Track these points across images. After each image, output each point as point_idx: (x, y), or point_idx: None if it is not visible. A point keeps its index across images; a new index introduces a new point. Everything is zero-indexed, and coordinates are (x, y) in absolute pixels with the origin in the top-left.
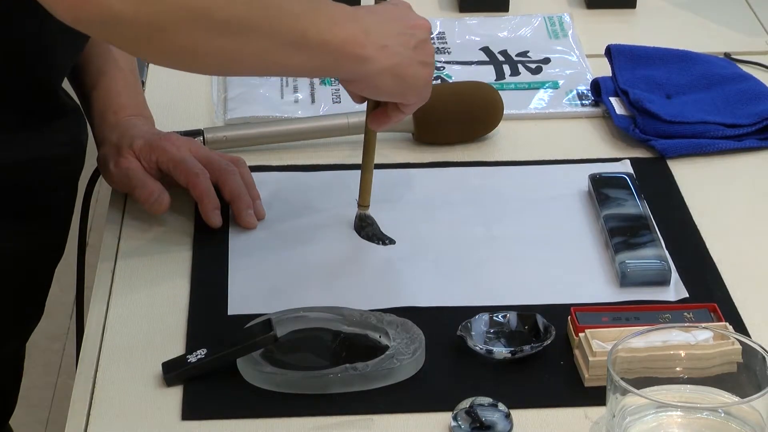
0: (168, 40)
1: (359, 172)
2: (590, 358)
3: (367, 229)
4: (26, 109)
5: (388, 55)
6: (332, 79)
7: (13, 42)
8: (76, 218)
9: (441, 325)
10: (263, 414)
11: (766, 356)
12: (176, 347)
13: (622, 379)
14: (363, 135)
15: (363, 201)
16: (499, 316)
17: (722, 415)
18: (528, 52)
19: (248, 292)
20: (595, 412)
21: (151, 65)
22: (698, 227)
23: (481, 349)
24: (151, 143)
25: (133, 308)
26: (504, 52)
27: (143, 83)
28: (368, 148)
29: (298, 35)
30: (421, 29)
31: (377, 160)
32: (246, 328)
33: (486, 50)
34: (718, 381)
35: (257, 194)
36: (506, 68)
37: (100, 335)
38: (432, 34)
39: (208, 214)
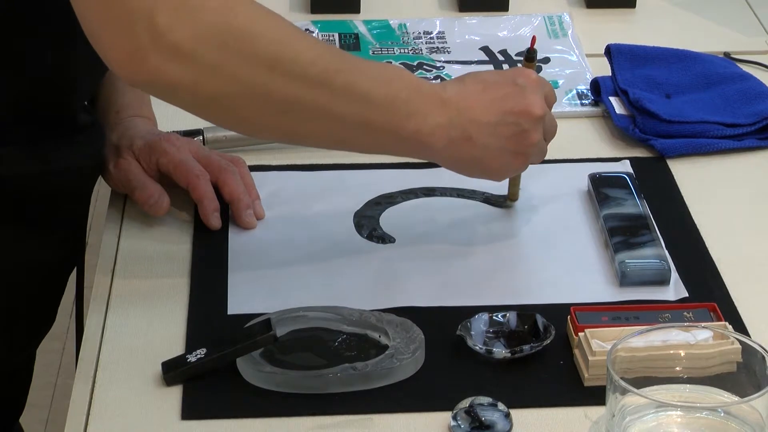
0: (226, 111)
1: (359, 171)
2: (590, 358)
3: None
4: (51, 124)
5: (471, 147)
6: None
7: (42, 72)
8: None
9: (441, 324)
10: (263, 414)
11: (765, 356)
12: (176, 347)
13: (621, 378)
14: None
15: (514, 197)
16: (499, 316)
17: (722, 414)
18: None
19: (248, 292)
20: (594, 411)
21: None
22: (698, 227)
23: (480, 348)
24: (150, 144)
25: (132, 308)
26: (504, 52)
27: None
28: None
29: (364, 121)
30: (526, 117)
31: (378, 159)
32: (246, 328)
33: (486, 50)
34: (718, 380)
35: (257, 194)
36: (506, 68)
37: (99, 335)
38: (536, 114)
39: (207, 216)
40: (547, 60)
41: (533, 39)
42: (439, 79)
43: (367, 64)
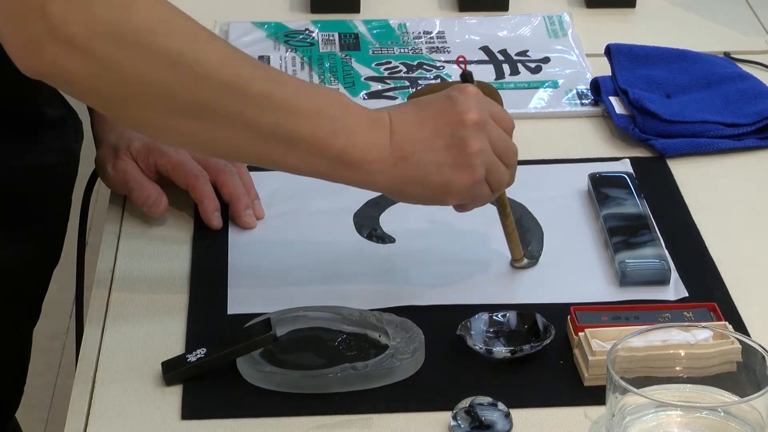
0: (127, 110)
1: None
2: (590, 358)
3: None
4: (13, 120)
5: (408, 166)
6: (332, 79)
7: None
8: (75, 218)
9: (440, 324)
10: (263, 413)
11: (765, 355)
12: (176, 346)
13: (621, 378)
14: None
15: (517, 255)
16: (499, 316)
17: (722, 414)
18: (527, 51)
19: (248, 292)
20: (594, 411)
21: None
22: (698, 226)
23: (480, 348)
24: (148, 146)
25: (132, 308)
26: (503, 52)
27: None
28: (506, 209)
29: (286, 134)
30: (460, 125)
31: None
32: (245, 328)
33: (485, 49)
34: (718, 380)
35: (256, 194)
36: (506, 67)
37: (99, 335)
38: (472, 117)
39: (208, 216)
40: (547, 60)
41: (463, 61)
42: (439, 79)
43: (288, 76)
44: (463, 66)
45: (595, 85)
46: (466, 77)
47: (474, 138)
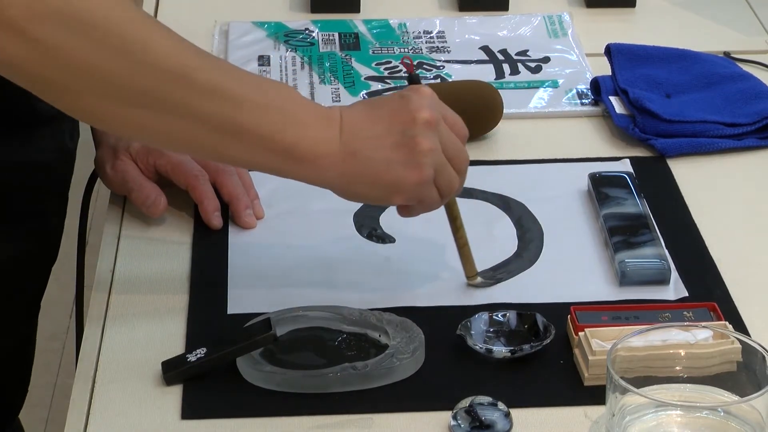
0: (68, 96)
1: None
2: (590, 357)
3: (499, 277)
4: (6, 117)
5: (357, 162)
6: (332, 78)
7: None
8: (75, 218)
9: (440, 324)
10: (263, 413)
11: (765, 355)
12: (176, 346)
13: (621, 378)
14: None
15: (471, 272)
16: (499, 315)
17: (722, 414)
18: (527, 51)
19: (248, 291)
20: (594, 411)
21: None
22: (698, 226)
23: (480, 348)
24: (148, 146)
25: (132, 307)
26: (503, 51)
27: None
28: (456, 222)
29: (233, 126)
30: (411, 124)
31: None
32: (245, 327)
33: (486, 49)
34: (718, 380)
35: (255, 194)
36: (506, 67)
37: (99, 334)
38: (426, 117)
39: (208, 216)
40: (547, 60)
41: (409, 62)
42: (439, 79)
43: (238, 68)
44: (409, 67)
45: (595, 84)
46: (413, 78)
47: (424, 137)
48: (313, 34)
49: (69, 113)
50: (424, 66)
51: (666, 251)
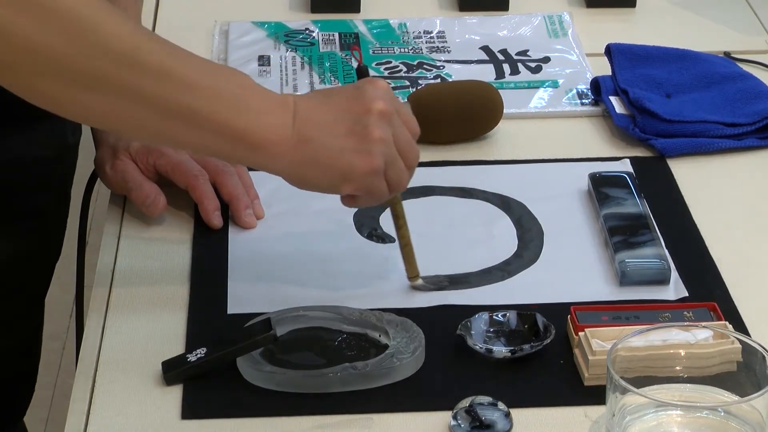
0: (22, 80)
1: None
2: (590, 357)
3: (443, 285)
4: (6, 112)
5: (310, 149)
6: (332, 78)
7: None
8: (75, 217)
9: (441, 324)
10: (263, 413)
11: (765, 355)
12: (176, 346)
13: (621, 378)
14: None
15: (413, 272)
16: (499, 315)
17: (722, 414)
18: (528, 51)
19: (248, 291)
20: (594, 411)
21: None
22: (698, 226)
23: (480, 348)
24: (147, 146)
25: (132, 307)
26: (504, 51)
27: None
28: (399, 221)
29: (185, 111)
30: (367, 114)
31: None
32: (245, 327)
33: (486, 49)
34: (718, 380)
35: (255, 194)
36: (506, 67)
37: (99, 334)
38: (387, 106)
39: (209, 215)
40: (547, 60)
41: (358, 53)
42: (439, 79)
43: (191, 54)
44: (357, 58)
45: (595, 84)
46: (362, 71)
47: (377, 126)
48: (314, 34)
49: (26, 98)
50: (424, 66)
51: (666, 251)
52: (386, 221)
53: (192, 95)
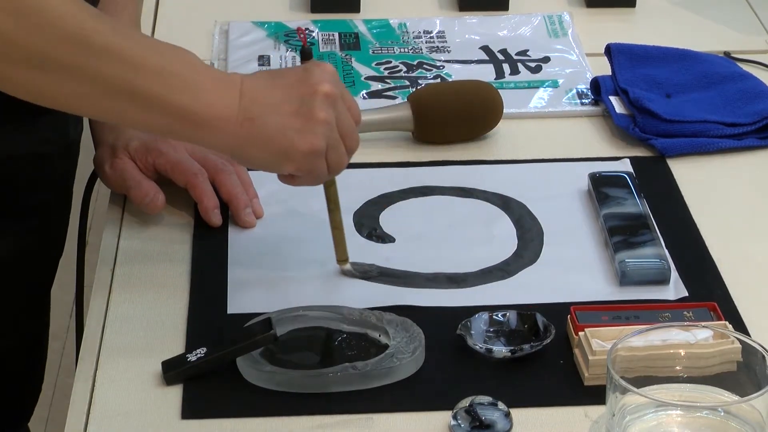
0: None
1: (359, 171)
2: (590, 357)
3: (370, 275)
4: (6, 104)
5: (253, 127)
6: None
7: None
8: (75, 217)
9: (441, 324)
10: (263, 413)
11: (765, 355)
12: (176, 346)
13: (621, 378)
14: (361, 134)
15: (341, 256)
16: (499, 315)
17: (722, 414)
18: (528, 50)
19: (248, 291)
20: (594, 411)
21: None
22: (698, 226)
23: (480, 348)
24: (147, 145)
25: (132, 307)
26: (504, 51)
27: None
28: (330, 204)
29: (129, 89)
30: (312, 95)
31: (377, 158)
32: (245, 327)
33: (486, 49)
34: (718, 380)
35: (255, 193)
36: (506, 67)
37: (99, 334)
38: (334, 91)
39: (208, 213)
40: (547, 59)
41: (304, 36)
42: (439, 79)
43: (137, 32)
44: (303, 40)
45: (595, 84)
46: (305, 52)
47: (322, 108)
48: (313, 34)
49: None
50: (424, 66)
51: (666, 251)
52: (386, 221)
53: (137, 74)
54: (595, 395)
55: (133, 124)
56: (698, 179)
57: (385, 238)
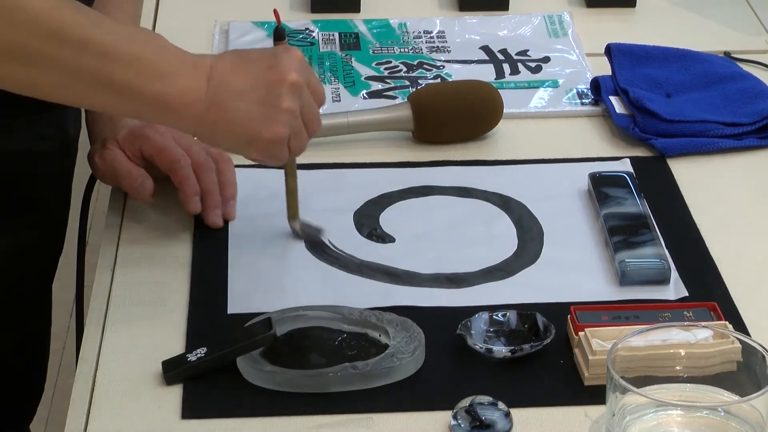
0: None
1: (359, 171)
2: (590, 357)
3: (314, 238)
4: (4, 102)
5: (220, 112)
6: (332, 78)
7: None
8: (75, 217)
9: (441, 323)
10: (263, 413)
11: (765, 355)
12: (176, 346)
13: (621, 377)
14: (361, 134)
15: (292, 214)
16: (499, 315)
17: (722, 414)
18: (528, 50)
19: (248, 291)
20: (594, 410)
21: None
22: (698, 226)
23: (480, 347)
24: (134, 132)
25: (132, 307)
26: (504, 51)
27: None
28: (287, 171)
29: (105, 79)
30: (279, 84)
31: (377, 159)
32: (246, 327)
33: (486, 49)
34: (718, 380)
35: (232, 194)
36: (506, 67)
37: (99, 334)
38: (299, 81)
39: (187, 200)
40: (547, 59)
41: (276, 14)
42: (439, 79)
43: (114, 22)
44: (277, 20)
45: (596, 84)
46: (279, 33)
47: (288, 98)
48: (314, 34)
49: None
50: (424, 66)
51: (666, 251)
52: (386, 221)
53: (112, 65)
54: (595, 395)
55: (109, 110)
56: (698, 179)
57: (385, 238)
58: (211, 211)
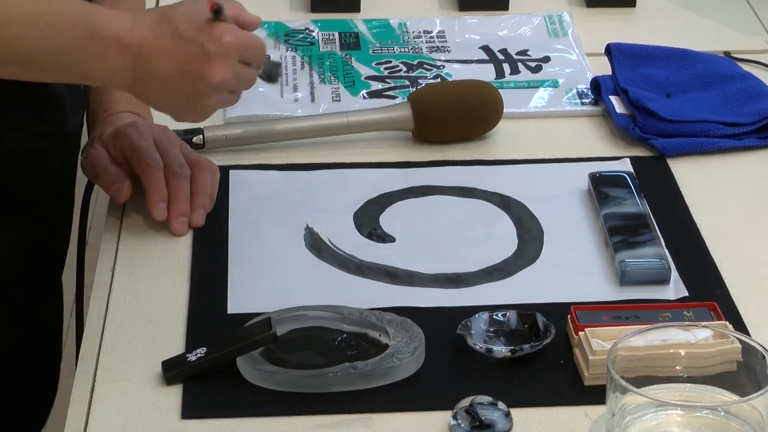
0: None
1: (359, 171)
2: (590, 357)
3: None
4: (3, 100)
5: (146, 93)
6: (332, 78)
7: None
8: (75, 217)
9: (441, 323)
10: (263, 413)
11: (765, 355)
12: (176, 346)
13: (621, 377)
14: (361, 134)
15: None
16: (499, 315)
17: (722, 413)
18: (528, 50)
19: (248, 291)
20: (594, 410)
21: None
22: (698, 226)
23: (480, 347)
24: (117, 131)
25: (132, 307)
26: (504, 51)
27: None
28: None
29: (32, 74)
30: (203, 83)
31: (377, 158)
32: (245, 327)
33: (486, 49)
34: (718, 380)
35: (203, 203)
36: (506, 67)
37: (99, 334)
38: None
39: (152, 206)
40: (547, 59)
41: None
42: (439, 78)
43: (45, 8)
44: (212, 3)
45: (596, 84)
46: (218, 11)
47: (211, 97)
48: (314, 34)
49: None
50: (424, 66)
51: (666, 251)
52: (386, 221)
53: (37, 58)
54: (595, 395)
55: (45, 81)
56: (698, 179)
57: (385, 238)
58: (174, 219)
